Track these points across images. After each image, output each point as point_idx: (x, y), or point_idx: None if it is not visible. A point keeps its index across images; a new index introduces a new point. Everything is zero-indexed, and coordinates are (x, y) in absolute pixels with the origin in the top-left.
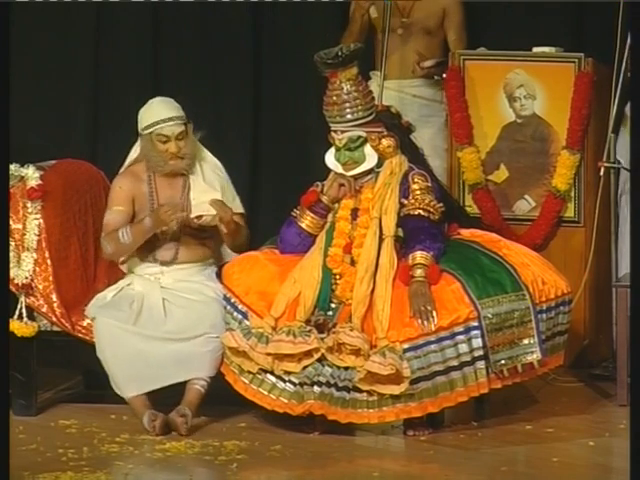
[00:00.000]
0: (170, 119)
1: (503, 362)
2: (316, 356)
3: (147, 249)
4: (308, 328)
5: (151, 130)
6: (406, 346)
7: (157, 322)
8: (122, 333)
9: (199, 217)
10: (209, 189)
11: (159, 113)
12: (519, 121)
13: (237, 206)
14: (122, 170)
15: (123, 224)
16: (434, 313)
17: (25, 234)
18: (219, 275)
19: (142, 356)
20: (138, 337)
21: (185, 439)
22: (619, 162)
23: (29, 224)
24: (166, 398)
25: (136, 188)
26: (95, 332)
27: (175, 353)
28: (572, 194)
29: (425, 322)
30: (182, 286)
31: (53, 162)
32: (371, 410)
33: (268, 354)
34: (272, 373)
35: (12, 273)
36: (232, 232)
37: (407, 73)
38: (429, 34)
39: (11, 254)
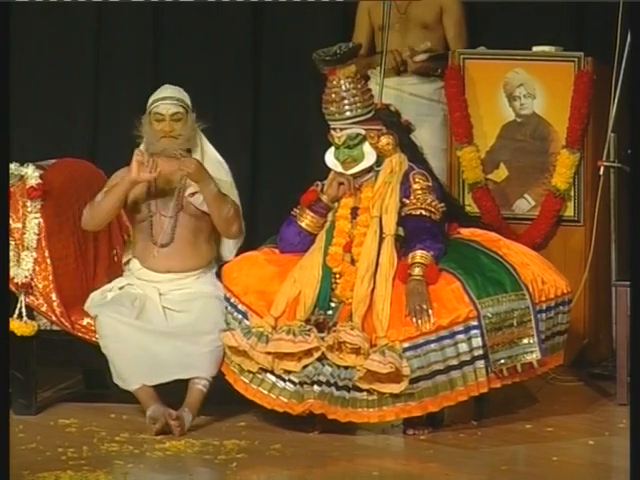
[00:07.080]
0: (167, 98)
1: (503, 361)
2: (316, 355)
3: (144, 256)
4: (308, 327)
5: (150, 109)
6: (406, 345)
7: (159, 319)
8: (125, 328)
9: (192, 194)
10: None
11: (159, 93)
12: (519, 120)
13: (234, 196)
14: None
15: None
16: (430, 312)
17: (25, 233)
18: (219, 275)
19: (146, 351)
20: (141, 331)
21: (185, 438)
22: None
23: (29, 223)
24: (169, 395)
25: None
26: (98, 330)
27: (178, 351)
28: (572, 193)
29: (420, 321)
30: (181, 293)
31: (53, 161)
32: (371, 409)
33: (268, 353)
34: (272, 372)
35: (12, 272)
36: (202, 187)
37: (405, 70)
38: (426, 29)
39: (11, 253)
